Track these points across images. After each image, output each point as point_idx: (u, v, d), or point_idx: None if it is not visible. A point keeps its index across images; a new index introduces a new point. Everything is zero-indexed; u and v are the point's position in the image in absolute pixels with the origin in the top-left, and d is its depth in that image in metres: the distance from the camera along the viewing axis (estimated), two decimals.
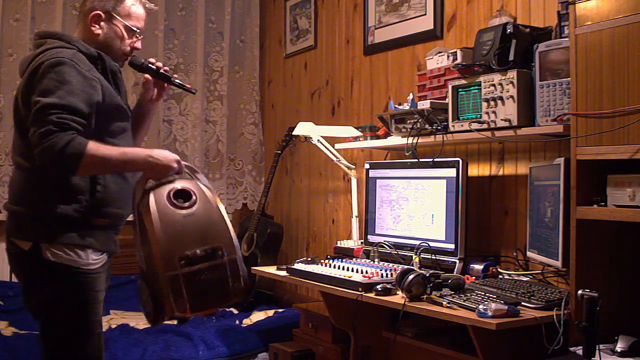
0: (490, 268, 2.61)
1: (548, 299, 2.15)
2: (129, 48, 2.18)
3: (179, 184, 1.98)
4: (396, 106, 3.10)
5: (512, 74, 2.39)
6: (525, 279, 2.56)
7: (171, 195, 1.93)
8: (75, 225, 1.99)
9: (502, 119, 2.43)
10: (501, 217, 2.87)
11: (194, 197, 1.94)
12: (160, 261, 1.85)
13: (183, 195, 1.95)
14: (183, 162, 2.08)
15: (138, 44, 2.21)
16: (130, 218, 2.11)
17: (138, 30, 2.18)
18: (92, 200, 2.01)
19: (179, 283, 1.83)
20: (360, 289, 2.48)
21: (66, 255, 1.97)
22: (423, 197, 2.91)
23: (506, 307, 2.03)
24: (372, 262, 2.92)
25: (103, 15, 2.12)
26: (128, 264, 4.24)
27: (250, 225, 4.33)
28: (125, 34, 2.16)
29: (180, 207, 1.92)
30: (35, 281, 2.01)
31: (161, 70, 2.28)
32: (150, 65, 2.27)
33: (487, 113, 2.50)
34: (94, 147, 1.88)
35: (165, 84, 2.32)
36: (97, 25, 2.12)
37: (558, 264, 2.22)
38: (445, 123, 2.69)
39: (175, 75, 2.33)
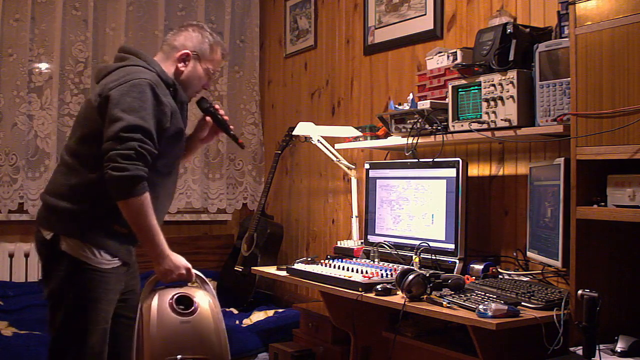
0: (490, 268, 2.60)
1: (548, 299, 2.15)
2: (201, 87, 2.36)
3: (185, 290, 2.08)
4: (396, 106, 3.10)
5: (512, 74, 2.39)
6: (525, 279, 2.56)
7: (173, 300, 2.02)
8: (96, 226, 2.11)
9: (502, 119, 2.43)
10: (501, 217, 2.87)
11: (194, 306, 2.03)
12: (149, 357, 1.94)
13: (185, 302, 2.03)
14: (194, 271, 2.17)
15: (208, 85, 2.39)
16: None
17: (214, 74, 2.36)
18: (117, 208, 2.08)
19: None
20: (360, 289, 2.48)
21: (81, 251, 2.09)
22: (423, 197, 2.91)
23: (506, 307, 2.03)
24: (372, 262, 2.92)
25: (191, 54, 2.28)
26: None
27: (250, 225, 4.33)
28: (204, 75, 2.32)
29: (179, 312, 2.01)
30: (51, 268, 2.13)
31: (221, 118, 2.43)
32: (214, 110, 2.42)
33: (487, 113, 2.50)
34: (147, 201, 2.05)
35: (218, 131, 2.47)
36: (183, 64, 2.27)
37: (558, 264, 2.21)
38: (445, 123, 2.69)
39: (232, 127, 2.48)
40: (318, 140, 3.46)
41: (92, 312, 2.10)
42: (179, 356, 1.93)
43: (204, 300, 2.09)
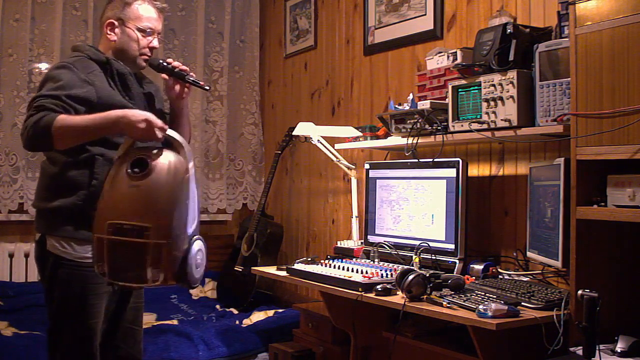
0: (490, 268, 2.60)
1: (548, 299, 2.15)
2: (146, 49, 2.30)
3: (148, 153, 1.96)
4: (396, 106, 3.10)
5: (512, 74, 2.39)
6: (525, 279, 2.56)
7: (130, 162, 1.94)
8: (73, 218, 2.12)
9: (502, 119, 2.43)
10: (501, 217, 2.87)
11: (147, 171, 1.91)
12: (96, 220, 1.93)
13: (141, 165, 1.93)
14: (161, 126, 2.04)
15: (154, 43, 2.32)
16: None
17: (150, 30, 2.29)
18: (89, 194, 2.11)
19: (102, 247, 1.89)
20: (360, 289, 2.48)
21: (61, 247, 2.13)
22: (423, 197, 2.91)
23: (506, 307, 2.03)
24: (372, 262, 2.92)
25: (116, 22, 2.27)
26: None
27: (250, 225, 4.33)
28: (138, 35, 2.28)
29: (130, 175, 1.92)
30: (42, 268, 2.19)
31: (176, 70, 2.34)
32: (165, 64, 2.34)
33: (487, 113, 2.50)
34: (64, 117, 2.00)
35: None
36: (112, 33, 2.28)
37: (558, 264, 2.21)
38: (445, 123, 2.69)
39: (192, 74, 2.38)
40: (318, 140, 3.46)
41: (80, 308, 2.13)
42: (112, 221, 1.87)
43: (164, 164, 1.95)
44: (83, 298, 2.13)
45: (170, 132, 2.08)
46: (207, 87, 2.41)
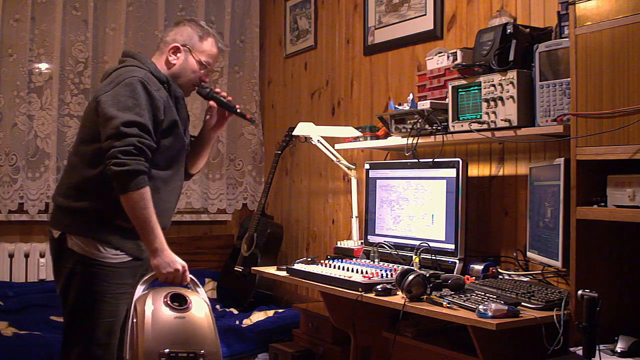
0: (490, 268, 2.60)
1: (548, 299, 2.15)
2: (198, 80, 2.41)
3: (179, 290, 2.14)
4: (396, 106, 3.10)
5: (512, 74, 2.39)
6: (525, 279, 2.56)
7: (168, 297, 2.09)
8: (99, 222, 2.17)
9: (502, 119, 2.43)
10: (501, 217, 2.87)
11: (188, 303, 2.09)
12: (142, 354, 1.97)
13: (179, 300, 2.10)
14: (190, 275, 2.24)
15: (206, 77, 2.44)
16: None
17: (209, 66, 2.41)
18: (118, 203, 2.14)
19: None
20: (360, 289, 2.48)
21: (86, 247, 2.16)
22: (423, 198, 2.91)
23: (506, 308, 2.03)
24: (372, 263, 2.92)
25: (182, 48, 2.35)
26: None
27: (250, 225, 4.33)
28: (197, 67, 2.38)
29: (173, 308, 2.06)
30: (60, 265, 2.22)
31: (225, 100, 2.48)
32: (215, 94, 2.47)
33: (487, 113, 2.50)
34: (147, 195, 2.10)
35: (227, 114, 2.52)
36: (174, 56, 2.36)
37: (558, 264, 2.21)
38: (445, 123, 2.69)
39: (238, 106, 2.51)
40: (318, 140, 3.46)
41: (96, 306, 2.15)
42: (166, 350, 1.97)
43: (197, 299, 2.16)
44: (103, 296, 2.16)
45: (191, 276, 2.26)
46: (254, 120, 2.51)
